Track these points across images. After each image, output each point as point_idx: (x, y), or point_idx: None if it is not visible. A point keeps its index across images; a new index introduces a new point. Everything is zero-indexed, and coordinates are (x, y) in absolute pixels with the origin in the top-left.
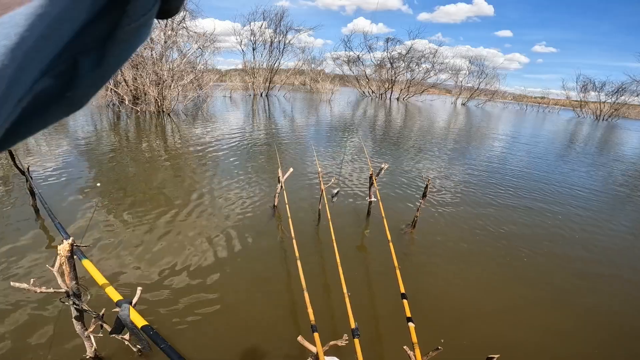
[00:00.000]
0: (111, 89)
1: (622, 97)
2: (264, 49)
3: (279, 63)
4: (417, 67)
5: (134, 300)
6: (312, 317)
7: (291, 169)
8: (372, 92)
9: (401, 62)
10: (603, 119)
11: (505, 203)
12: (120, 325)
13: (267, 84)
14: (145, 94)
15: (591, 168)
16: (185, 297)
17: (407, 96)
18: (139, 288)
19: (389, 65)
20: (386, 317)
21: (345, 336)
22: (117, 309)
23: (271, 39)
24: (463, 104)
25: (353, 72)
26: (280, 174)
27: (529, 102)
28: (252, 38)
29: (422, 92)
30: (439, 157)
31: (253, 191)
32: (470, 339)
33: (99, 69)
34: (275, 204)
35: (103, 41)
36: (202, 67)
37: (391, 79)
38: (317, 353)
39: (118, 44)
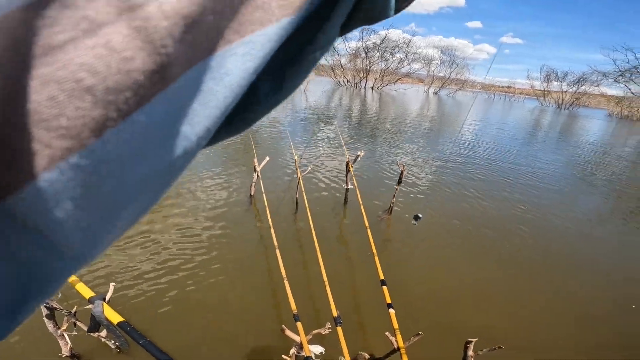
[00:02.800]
0: None
1: (583, 87)
2: None
3: None
4: (391, 56)
5: (107, 297)
6: (293, 306)
7: (267, 158)
8: (347, 81)
9: (376, 51)
10: (564, 108)
11: (477, 187)
12: (97, 323)
13: None
14: None
15: (554, 154)
16: (162, 291)
17: (382, 85)
18: (112, 284)
19: (363, 54)
20: (367, 303)
21: (328, 324)
22: (90, 306)
23: None
24: (435, 93)
25: (328, 62)
26: (256, 163)
27: (496, 92)
28: None
29: (396, 81)
30: (414, 143)
31: (228, 181)
32: (449, 323)
33: (276, 94)
34: (252, 193)
35: (283, 65)
36: None
37: (366, 69)
38: (301, 342)
39: (298, 69)
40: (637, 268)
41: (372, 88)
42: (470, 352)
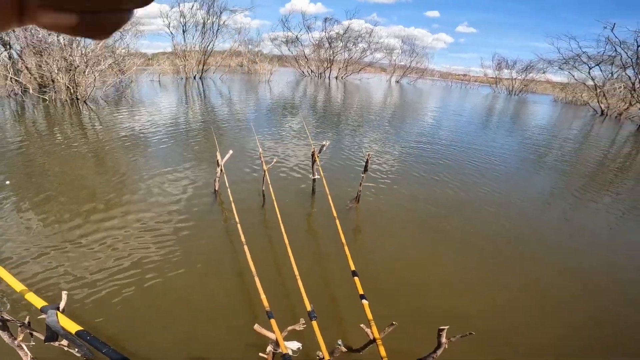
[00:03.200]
0: (11, 78)
1: (531, 74)
2: (196, 31)
3: (213, 45)
4: (354, 46)
5: (61, 306)
6: (266, 303)
7: (230, 151)
8: (312, 71)
9: (339, 41)
10: (515, 94)
11: (439, 171)
12: (54, 333)
13: (201, 67)
14: (53, 82)
15: (509, 138)
16: (125, 291)
17: (345, 75)
18: (64, 292)
19: (327, 45)
20: (341, 295)
21: (302, 320)
22: (43, 316)
23: (204, 21)
24: (397, 82)
25: (292, 53)
26: (219, 157)
27: (453, 79)
28: (181, 20)
29: (359, 70)
30: (378, 131)
31: (193, 177)
32: (422, 309)
33: None
34: (217, 188)
35: None
36: (124, 51)
37: (330, 59)
38: (276, 340)
39: None
40: (592, 241)
41: (337, 78)
42: (443, 339)
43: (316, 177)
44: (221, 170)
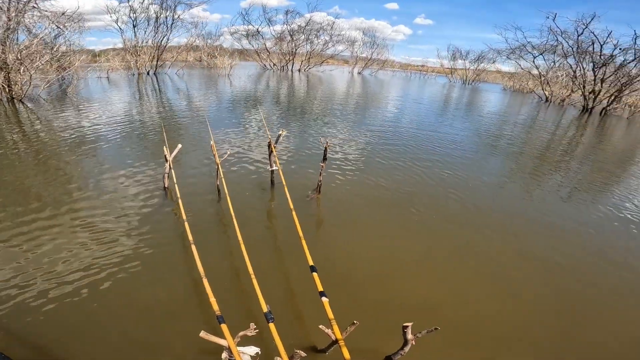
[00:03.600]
0: None
1: (482, 64)
2: (148, 26)
3: (168, 39)
4: (316, 39)
5: None
6: (215, 307)
7: (180, 145)
8: (274, 64)
9: (301, 34)
10: (469, 83)
11: (402, 158)
12: None
13: (155, 62)
14: None
15: (465, 124)
16: (68, 299)
17: (308, 67)
18: None
19: (289, 37)
20: (299, 293)
21: (253, 325)
22: None
23: (156, 15)
24: (359, 73)
25: (253, 46)
26: (166, 152)
27: (412, 70)
28: (131, 15)
29: (322, 62)
30: (341, 122)
31: (143, 175)
32: (387, 304)
33: None
34: (166, 185)
35: None
36: (65, 47)
37: (292, 51)
38: (229, 346)
39: None
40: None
41: (299, 70)
42: (409, 336)
43: (274, 168)
44: (169, 166)
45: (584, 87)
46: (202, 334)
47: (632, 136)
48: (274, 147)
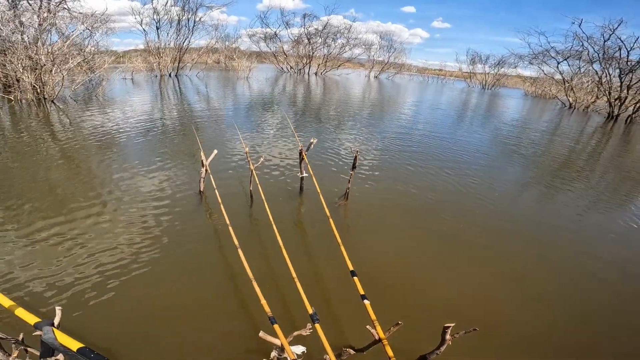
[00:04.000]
0: None
1: (503, 69)
2: (171, 28)
3: (189, 42)
4: (333, 42)
5: (56, 321)
6: (267, 308)
7: (215, 151)
8: (291, 67)
9: (318, 37)
10: (488, 88)
11: (424, 164)
12: (49, 349)
13: (177, 64)
14: (18, 81)
15: (486, 131)
16: (111, 302)
17: (325, 71)
18: (58, 308)
19: (306, 40)
20: (340, 296)
21: (309, 325)
22: (37, 332)
23: (179, 17)
24: (375, 77)
25: (270, 49)
26: (203, 157)
27: (430, 74)
28: (155, 17)
29: (339, 66)
30: (359, 127)
31: (173, 178)
32: (421, 307)
33: None
34: (201, 189)
35: None
36: (93, 49)
37: (309, 55)
38: (282, 345)
39: None
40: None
41: (316, 74)
42: (447, 336)
43: (305, 174)
44: (206, 170)
45: (609, 93)
46: (261, 334)
47: None
48: (305, 154)
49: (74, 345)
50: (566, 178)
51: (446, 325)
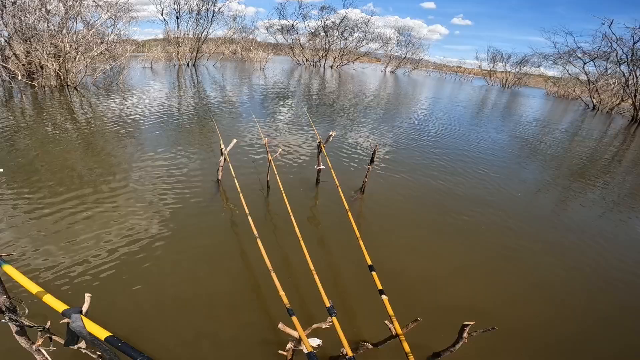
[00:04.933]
0: None
1: (525, 68)
2: (190, 18)
3: (207, 32)
4: (350, 36)
5: (84, 309)
6: (285, 300)
7: (235, 140)
8: (307, 60)
9: (335, 30)
10: (508, 87)
11: (440, 163)
12: (75, 336)
13: (195, 54)
14: (42, 68)
15: (507, 130)
16: (132, 290)
17: (341, 64)
18: (88, 295)
19: (323, 33)
20: (357, 291)
21: (329, 318)
22: (65, 320)
23: (198, 7)
24: (392, 72)
25: (287, 41)
26: (222, 145)
27: (447, 71)
28: (175, 7)
29: (355, 60)
30: (375, 120)
31: (191, 165)
32: (437, 304)
33: None
34: (220, 177)
35: None
36: (115, 37)
37: (325, 48)
38: (299, 337)
39: None
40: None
41: (332, 67)
42: (465, 334)
43: (322, 167)
44: (225, 159)
45: (635, 96)
46: (280, 325)
47: None
48: (324, 146)
49: (102, 334)
50: (588, 181)
51: (465, 323)
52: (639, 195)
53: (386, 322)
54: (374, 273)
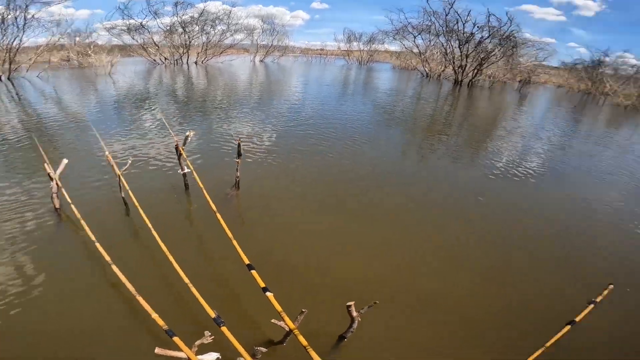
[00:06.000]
0: None
1: (374, 45)
2: None
3: (20, 41)
4: (212, 29)
5: None
6: (160, 321)
7: (65, 160)
8: (165, 59)
9: (195, 25)
10: (364, 64)
11: (315, 144)
12: None
13: (9, 66)
14: None
15: (366, 103)
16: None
17: (206, 59)
18: None
19: (181, 30)
20: (243, 293)
21: (208, 333)
22: None
23: (2, 17)
24: (261, 61)
25: (137, 41)
26: (49, 170)
27: (313, 55)
28: None
29: (221, 53)
30: (250, 111)
31: (23, 198)
32: (329, 288)
33: None
34: (57, 206)
35: None
36: None
37: (185, 44)
38: (187, 358)
39: None
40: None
41: (196, 63)
42: (354, 313)
43: (186, 171)
44: (57, 184)
45: (453, 62)
46: (158, 350)
47: (493, 101)
48: (182, 149)
49: None
50: (435, 134)
51: (348, 303)
52: (468, 143)
53: (273, 320)
54: (253, 272)
